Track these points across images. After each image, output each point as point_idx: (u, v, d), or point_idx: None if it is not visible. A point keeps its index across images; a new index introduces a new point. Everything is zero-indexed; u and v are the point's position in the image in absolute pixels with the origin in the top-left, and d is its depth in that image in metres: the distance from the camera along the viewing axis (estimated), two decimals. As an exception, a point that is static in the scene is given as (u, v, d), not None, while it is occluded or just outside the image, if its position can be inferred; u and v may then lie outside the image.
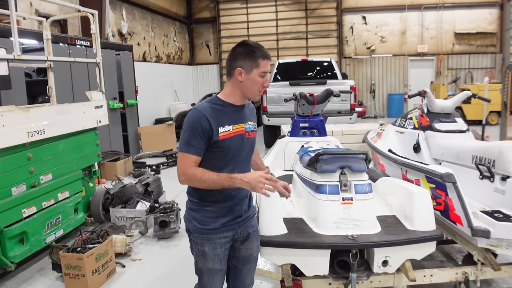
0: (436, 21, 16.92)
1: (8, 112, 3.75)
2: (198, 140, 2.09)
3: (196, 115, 2.10)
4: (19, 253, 3.79)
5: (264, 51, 2.17)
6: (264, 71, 2.16)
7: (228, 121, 2.17)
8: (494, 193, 3.14)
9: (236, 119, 2.22)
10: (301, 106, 4.54)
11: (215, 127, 2.10)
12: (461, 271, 3.02)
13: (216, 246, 2.23)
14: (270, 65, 2.26)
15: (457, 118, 4.23)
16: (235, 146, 2.19)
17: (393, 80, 17.62)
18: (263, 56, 2.15)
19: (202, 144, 2.10)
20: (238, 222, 2.29)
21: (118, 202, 5.38)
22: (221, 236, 2.23)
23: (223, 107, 2.19)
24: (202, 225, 2.22)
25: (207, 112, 2.11)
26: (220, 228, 2.22)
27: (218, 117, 2.13)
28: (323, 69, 11.08)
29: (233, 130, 2.18)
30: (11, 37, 4.07)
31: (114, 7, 12.35)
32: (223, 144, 2.13)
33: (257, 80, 2.16)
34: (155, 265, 4.23)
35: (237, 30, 18.59)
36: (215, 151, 2.14)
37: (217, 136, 2.11)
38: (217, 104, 2.18)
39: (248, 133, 2.27)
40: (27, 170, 4.01)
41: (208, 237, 2.22)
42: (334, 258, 2.59)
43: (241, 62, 2.14)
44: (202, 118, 2.08)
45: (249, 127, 2.28)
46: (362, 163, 2.72)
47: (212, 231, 2.22)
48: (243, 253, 2.39)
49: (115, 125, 8.92)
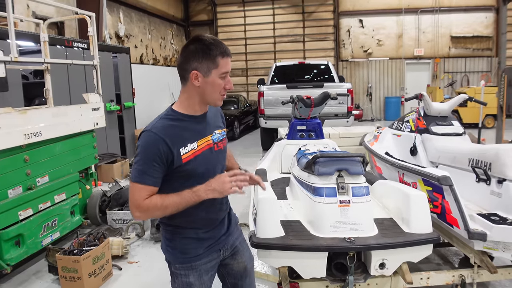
0: (432, 25, 17.01)
1: (5, 114, 3.74)
2: (156, 168, 1.74)
3: (151, 139, 1.75)
4: (15, 255, 3.78)
5: (222, 46, 1.80)
6: (225, 71, 1.81)
7: (191, 138, 1.84)
8: (490, 196, 3.15)
9: (200, 132, 1.89)
10: (298, 109, 4.55)
11: (175, 149, 1.77)
12: (457, 274, 3.03)
13: (202, 274, 1.97)
14: (268, 68, 2.12)
15: (453, 121, 4.25)
16: (204, 165, 1.87)
17: (390, 83, 17.68)
18: (222, 54, 1.79)
19: (160, 173, 1.77)
20: (222, 241, 2.06)
21: (115, 205, 5.36)
22: (206, 261, 1.98)
23: (181, 121, 1.84)
24: (184, 254, 1.95)
25: (162, 132, 1.76)
26: (203, 253, 1.97)
27: (178, 136, 1.79)
28: (320, 72, 11.12)
29: (198, 147, 1.85)
30: (8, 39, 4.07)
31: (111, 9, 12.34)
32: (188, 167, 1.81)
33: (218, 83, 1.81)
34: (152, 267, 4.22)
35: (234, 33, 18.63)
36: (178, 177, 1.82)
37: (179, 160, 1.78)
38: (174, 119, 1.83)
39: (217, 144, 1.96)
40: (24, 172, 4.00)
41: (192, 266, 1.95)
42: (332, 260, 2.59)
43: (196, 64, 1.77)
44: (159, 142, 1.74)
45: (217, 137, 1.97)
46: (359, 166, 2.73)
47: (196, 258, 1.95)
48: (237, 268, 2.17)
49: (112, 127, 8.91)
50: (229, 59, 1.84)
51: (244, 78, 18.80)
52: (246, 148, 11.66)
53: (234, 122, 13.09)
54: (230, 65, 1.85)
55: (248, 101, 15.63)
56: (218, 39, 1.84)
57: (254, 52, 18.43)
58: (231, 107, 13.83)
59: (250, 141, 12.86)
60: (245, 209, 5.43)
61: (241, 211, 5.54)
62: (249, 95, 18.36)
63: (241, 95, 15.75)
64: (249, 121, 15.03)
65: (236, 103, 14.23)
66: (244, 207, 5.48)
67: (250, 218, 3.16)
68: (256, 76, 17.02)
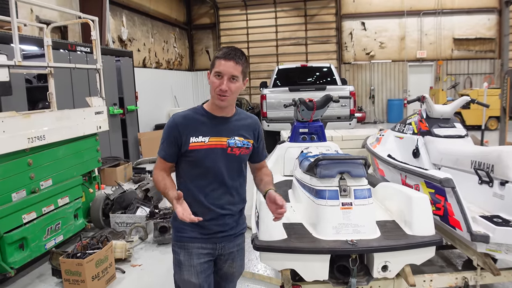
0: (435, 27, 16.99)
1: (9, 118, 3.76)
2: (169, 145, 2.09)
3: (170, 122, 2.10)
4: (19, 258, 3.79)
5: (226, 51, 2.00)
6: (217, 70, 1.98)
7: (205, 132, 2.07)
8: (493, 198, 3.14)
9: (217, 132, 2.09)
10: (300, 111, 4.56)
11: (185, 136, 2.05)
12: (460, 276, 3.02)
13: (192, 256, 2.12)
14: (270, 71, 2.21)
15: (456, 123, 4.25)
16: (210, 159, 2.06)
17: (392, 85, 17.66)
18: (220, 56, 1.99)
19: (171, 151, 2.09)
20: (219, 237, 2.17)
21: (118, 208, 5.38)
22: (198, 246, 2.12)
23: (203, 116, 2.11)
24: (180, 232, 2.15)
25: (179, 120, 2.08)
26: (198, 238, 2.12)
27: (192, 126, 2.07)
28: (323, 74, 11.11)
29: (208, 142, 2.06)
30: (12, 43, 4.10)
31: (114, 13, 12.40)
32: (193, 154, 2.05)
33: (213, 81, 2.00)
34: (155, 270, 4.22)
35: (237, 36, 18.65)
36: (186, 161, 2.10)
37: (187, 145, 2.05)
38: (197, 113, 2.12)
39: (232, 148, 2.10)
40: (27, 176, 4.02)
41: (184, 245, 2.13)
42: (334, 263, 2.59)
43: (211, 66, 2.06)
44: (174, 126, 2.07)
45: (235, 142, 2.10)
46: (361, 168, 2.73)
47: (188, 239, 2.13)
48: (225, 270, 2.28)
49: (115, 131, 8.93)
50: (229, 63, 1.96)
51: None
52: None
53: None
54: (225, 68, 1.97)
55: (251, 104, 15.64)
56: (234, 47, 2.05)
57: (256, 55, 18.45)
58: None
59: (252, 144, 12.83)
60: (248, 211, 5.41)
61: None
62: (252, 98, 18.38)
63: (244, 98, 15.77)
64: (252, 124, 15.00)
65: (239, 106, 14.18)
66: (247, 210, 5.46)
67: (252, 221, 3.16)
68: (259, 79, 17.05)
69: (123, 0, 12.88)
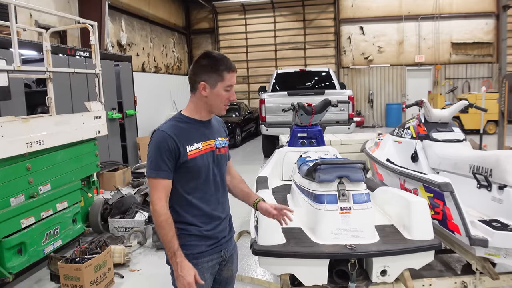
0: (433, 31, 17.06)
1: (8, 123, 3.76)
2: (166, 162, 1.93)
3: (161, 136, 1.96)
4: (17, 263, 3.78)
5: (228, 63, 1.99)
6: (229, 84, 2.00)
7: (197, 138, 2.02)
8: (491, 202, 3.15)
9: (205, 135, 2.07)
10: (299, 116, 4.57)
11: (182, 146, 1.95)
12: (459, 281, 3.02)
13: (204, 271, 2.04)
14: (269, 75, 2.21)
15: (454, 127, 4.26)
16: (206, 165, 2.03)
17: (391, 89, 17.71)
18: (228, 69, 1.98)
19: (171, 166, 1.95)
20: (223, 242, 2.14)
21: (116, 213, 5.37)
22: (208, 260, 2.06)
23: (188, 124, 2.03)
24: (187, 250, 1.99)
25: (171, 131, 1.96)
26: (207, 250, 2.06)
27: (185, 135, 1.99)
28: (321, 79, 11.14)
29: (202, 148, 2.03)
30: (11, 48, 4.11)
31: (113, 18, 12.44)
32: (193, 163, 1.98)
33: (222, 94, 2.00)
34: (154, 275, 4.21)
35: (235, 40, 18.73)
36: (184, 172, 1.99)
37: (185, 156, 1.96)
38: (182, 122, 2.03)
39: (219, 149, 2.11)
40: (26, 180, 4.01)
41: (195, 263, 1.99)
42: (333, 267, 2.59)
43: (204, 76, 1.97)
44: (167, 138, 1.94)
45: (219, 143, 2.13)
46: (360, 173, 2.74)
47: (199, 255, 2.03)
48: (225, 275, 2.23)
49: (114, 135, 8.93)
50: (234, 74, 2.03)
51: (245, 85, 18.85)
52: (248, 155, 11.67)
53: (236, 129, 13.11)
54: (235, 79, 2.04)
55: (250, 109, 15.66)
56: (226, 56, 2.03)
57: (255, 59, 18.50)
58: (232, 115, 13.86)
59: (251, 148, 12.88)
60: (246, 216, 5.43)
61: (242, 218, 5.55)
62: (251, 102, 18.41)
63: (243, 103, 15.79)
64: (251, 129, 15.05)
65: (238, 110, 14.26)
66: (246, 215, 5.48)
67: (251, 226, 3.16)
68: (258, 83, 17.11)
69: (122, 5, 12.93)
